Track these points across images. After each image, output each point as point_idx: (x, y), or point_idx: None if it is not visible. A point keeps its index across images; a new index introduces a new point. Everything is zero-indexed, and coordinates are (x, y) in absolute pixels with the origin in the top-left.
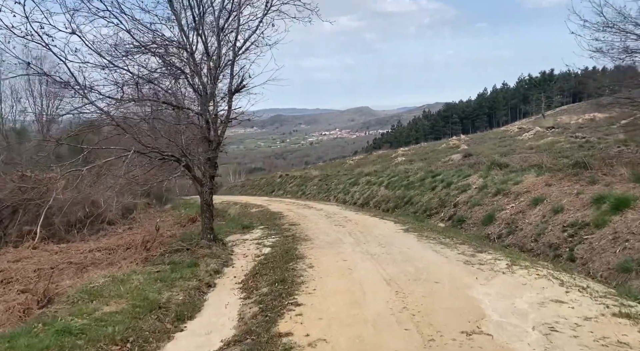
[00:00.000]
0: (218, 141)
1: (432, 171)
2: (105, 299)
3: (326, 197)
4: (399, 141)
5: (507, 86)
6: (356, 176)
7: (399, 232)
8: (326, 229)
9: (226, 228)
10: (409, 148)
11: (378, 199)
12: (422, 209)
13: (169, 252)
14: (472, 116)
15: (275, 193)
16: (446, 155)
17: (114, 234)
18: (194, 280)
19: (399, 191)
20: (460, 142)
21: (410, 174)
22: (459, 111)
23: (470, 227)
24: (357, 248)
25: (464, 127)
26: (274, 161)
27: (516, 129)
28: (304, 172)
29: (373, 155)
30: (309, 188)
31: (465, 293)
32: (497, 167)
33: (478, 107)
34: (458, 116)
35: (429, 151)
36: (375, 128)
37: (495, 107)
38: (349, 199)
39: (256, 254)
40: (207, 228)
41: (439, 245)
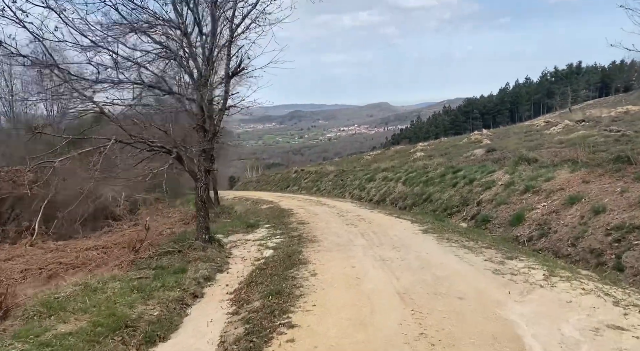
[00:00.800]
0: (214, 130)
1: (453, 167)
2: (67, 314)
3: (341, 193)
4: (418, 136)
5: (530, 81)
6: (372, 171)
7: (416, 233)
8: (337, 229)
9: (230, 226)
10: (428, 143)
11: (395, 196)
12: (442, 208)
13: (159, 254)
14: (494, 111)
15: (290, 189)
16: (468, 150)
17: (118, 230)
18: (177, 290)
19: (417, 187)
20: (482, 136)
21: (429, 169)
22: (480, 106)
23: (496, 228)
24: (369, 251)
25: (485, 123)
26: (292, 156)
27: (542, 123)
28: (319, 167)
29: (390, 150)
30: (323, 184)
31: (497, 314)
32: (525, 162)
33: (500, 103)
34: (479, 111)
35: (449, 146)
36: (394, 124)
37: (518, 102)
38: (365, 195)
39: (256, 257)
40: (202, 228)
41: (461, 249)
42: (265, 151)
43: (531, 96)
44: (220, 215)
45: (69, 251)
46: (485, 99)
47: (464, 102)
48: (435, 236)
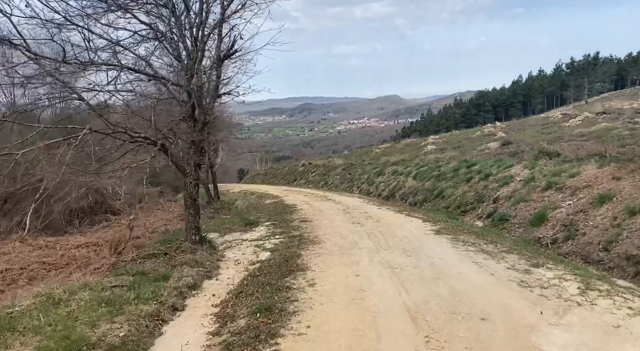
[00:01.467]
0: (204, 120)
1: (467, 161)
2: (14, 336)
3: (349, 187)
4: (428, 129)
5: (543, 73)
6: (381, 165)
7: (428, 234)
8: (341, 229)
9: (228, 223)
10: (439, 136)
11: (405, 191)
12: (455, 204)
13: (143, 257)
14: (506, 103)
15: (297, 182)
16: (481, 143)
17: (116, 225)
18: (153, 303)
19: (429, 182)
20: (496, 129)
21: (441, 163)
22: (492, 99)
23: (515, 228)
24: (376, 256)
25: (497, 116)
26: (302, 149)
27: (559, 115)
28: (327, 161)
29: (401, 143)
30: (331, 178)
31: (531, 343)
32: (546, 156)
33: (512, 95)
34: (491, 103)
35: (461, 139)
36: (404, 117)
37: (531, 94)
38: (373, 190)
39: (251, 260)
40: (192, 228)
41: (480, 254)
42: (275, 144)
43: (544, 89)
44: (219, 211)
45: (57, 249)
46: (497, 91)
47: (476, 94)
48: (450, 237)
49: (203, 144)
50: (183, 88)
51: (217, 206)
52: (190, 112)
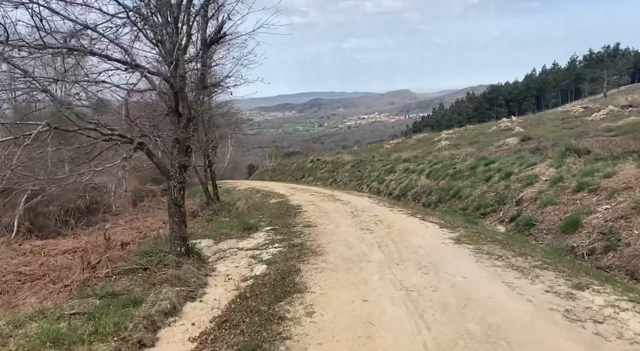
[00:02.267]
0: (189, 115)
1: (485, 158)
2: None
3: (358, 185)
4: (440, 124)
5: (557, 66)
6: (392, 162)
7: (447, 243)
8: (348, 236)
9: (226, 228)
10: (452, 131)
11: (418, 190)
12: (473, 206)
13: (119, 273)
14: (519, 98)
15: (305, 180)
16: (498, 138)
17: (113, 226)
18: (113, 340)
19: (443, 181)
20: (513, 124)
21: (457, 160)
22: (505, 93)
23: (543, 234)
24: (387, 272)
25: (510, 110)
26: (312, 145)
27: (580, 108)
28: (336, 157)
29: (412, 139)
30: (340, 175)
31: None
32: (574, 153)
33: (525, 89)
34: (504, 98)
35: (477, 134)
36: (415, 111)
37: (544, 88)
38: (384, 189)
39: (243, 276)
40: (177, 238)
41: (510, 271)
42: (285, 139)
43: (559, 82)
44: (219, 213)
45: (42, 255)
46: (510, 85)
47: (489, 88)
48: (472, 248)
49: (189, 143)
50: (162, 77)
51: (216, 207)
52: (173, 106)
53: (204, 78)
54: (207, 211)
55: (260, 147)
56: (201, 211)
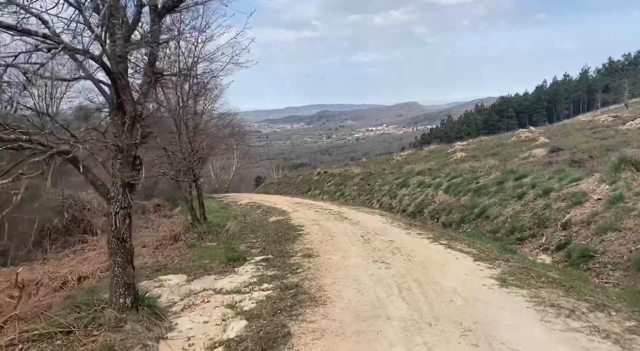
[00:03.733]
0: (134, 112)
1: (514, 171)
2: None
3: (368, 200)
4: (449, 136)
5: (569, 78)
6: (405, 175)
7: (490, 286)
8: (358, 272)
9: (208, 257)
10: (467, 142)
11: (435, 207)
12: (506, 229)
13: (27, 341)
14: (530, 109)
15: (311, 193)
16: (521, 149)
17: (90, 248)
18: None
19: (465, 197)
20: (534, 134)
21: (479, 174)
22: (515, 105)
23: (608, 270)
24: (417, 340)
25: (520, 122)
26: (320, 156)
27: (609, 118)
28: (344, 169)
29: (424, 150)
30: (348, 188)
31: None
32: (632, 166)
33: (536, 101)
34: (514, 109)
35: (494, 145)
36: (423, 123)
37: (556, 100)
38: (396, 205)
39: (211, 340)
40: (120, 285)
41: (599, 342)
42: (293, 151)
43: (570, 93)
44: (205, 236)
45: None
46: (521, 97)
47: (498, 100)
48: (526, 294)
49: (136, 152)
50: (88, 56)
51: (202, 229)
52: (114, 100)
53: (154, 60)
54: (192, 234)
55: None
56: (185, 233)
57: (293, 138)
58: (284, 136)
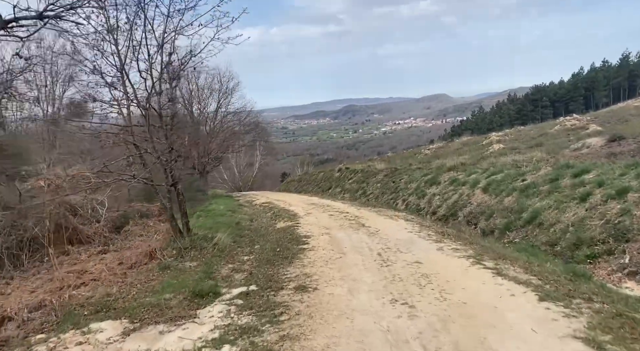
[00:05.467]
0: None
1: (570, 165)
2: None
3: (392, 200)
4: (480, 128)
5: (608, 63)
6: (434, 171)
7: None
8: (367, 325)
9: (171, 289)
10: (503, 133)
11: (472, 209)
12: (568, 240)
13: None
14: (566, 98)
15: (332, 191)
16: (569, 139)
17: (70, 263)
18: None
19: (510, 198)
20: (582, 122)
21: (525, 169)
22: (550, 94)
23: None
24: None
25: (556, 111)
26: (346, 151)
27: None
28: (367, 165)
29: (455, 143)
30: (370, 186)
31: None
32: None
33: (573, 89)
34: (549, 98)
35: (535, 135)
36: (452, 116)
37: (594, 87)
38: (425, 206)
39: None
40: None
41: None
42: (319, 147)
43: (610, 80)
44: (185, 253)
45: None
46: (556, 85)
47: (532, 89)
48: None
49: None
50: None
51: (185, 243)
52: None
53: None
54: (170, 250)
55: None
56: (162, 250)
57: (319, 133)
58: (310, 131)
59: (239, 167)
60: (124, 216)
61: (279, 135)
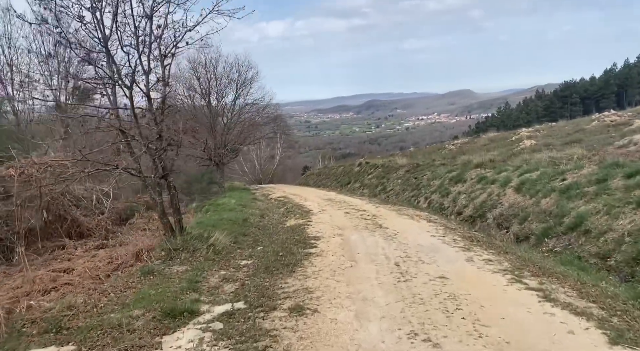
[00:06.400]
0: None
1: (620, 164)
2: None
3: (414, 198)
4: (506, 124)
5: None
6: (460, 167)
7: None
8: None
9: (143, 302)
10: (534, 129)
11: (503, 211)
12: (625, 253)
13: None
14: (597, 95)
15: (351, 186)
16: (610, 136)
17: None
18: None
19: (547, 199)
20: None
21: (565, 168)
22: (581, 90)
23: None
24: None
25: (586, 109)
26: (368, 146)
27: None
28: (388, 160)
29: (482, 138)
30: (391, 182)
31: None
32: None
33: (604, 86)
34: (579, 95)
35: (570, 131)
36: (477, 112)
37: (627, 84)
38: (449, 205)
39: None
40: None
41: None
42: (341, 141)
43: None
44: (176, 255)
45: None
46: (587, 82)
47: (561, 86)
48: None
49: None
50: None
51: (176, 244)
52: None
53: None
54: (159, 251)
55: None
56: (150, 251)
57: (342, 128)
58: (333, 125)
59: (259, 159)
60: (130, 208)
61: (302, 129)
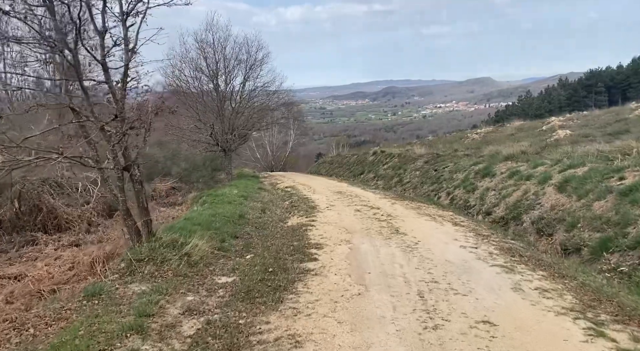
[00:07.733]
0: None
1: None
2: None
3: (434, 193)
4: (527, 113)
5: None
6: (488, 159)
7: None
8: None
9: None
10: (565, 118)
11: (543, 213)
12: None
13: None
14: (624, 84)
15: (364, 177)
16: None
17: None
18: None
19: (602, 202)
20: None
21: (622, 164)
22: (607, 79)
23: None
24: None
25: (611, 98)
26: (384, 134)
27: None
28: (405, 149)
29: (507, 127)
30: (408, 174)
31: None
32: None
33: (633, 74)
34: (604, 84)
35: (611, 121)
36: (496, 100)
37: None
38: (475, 202)
39: None
40: None
41: None
42: (356, 128)
43: None
44: (139, 268)
45: None
46: (614, 70)
47: (586, 74)
48: None
49: None
50: None
51: (141, 254)
52: None
53: None
54: (119, 261)
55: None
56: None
57: (357, 115)
58: (349, 112)
59: (272, 146)
60: None
61: (317, 115)
